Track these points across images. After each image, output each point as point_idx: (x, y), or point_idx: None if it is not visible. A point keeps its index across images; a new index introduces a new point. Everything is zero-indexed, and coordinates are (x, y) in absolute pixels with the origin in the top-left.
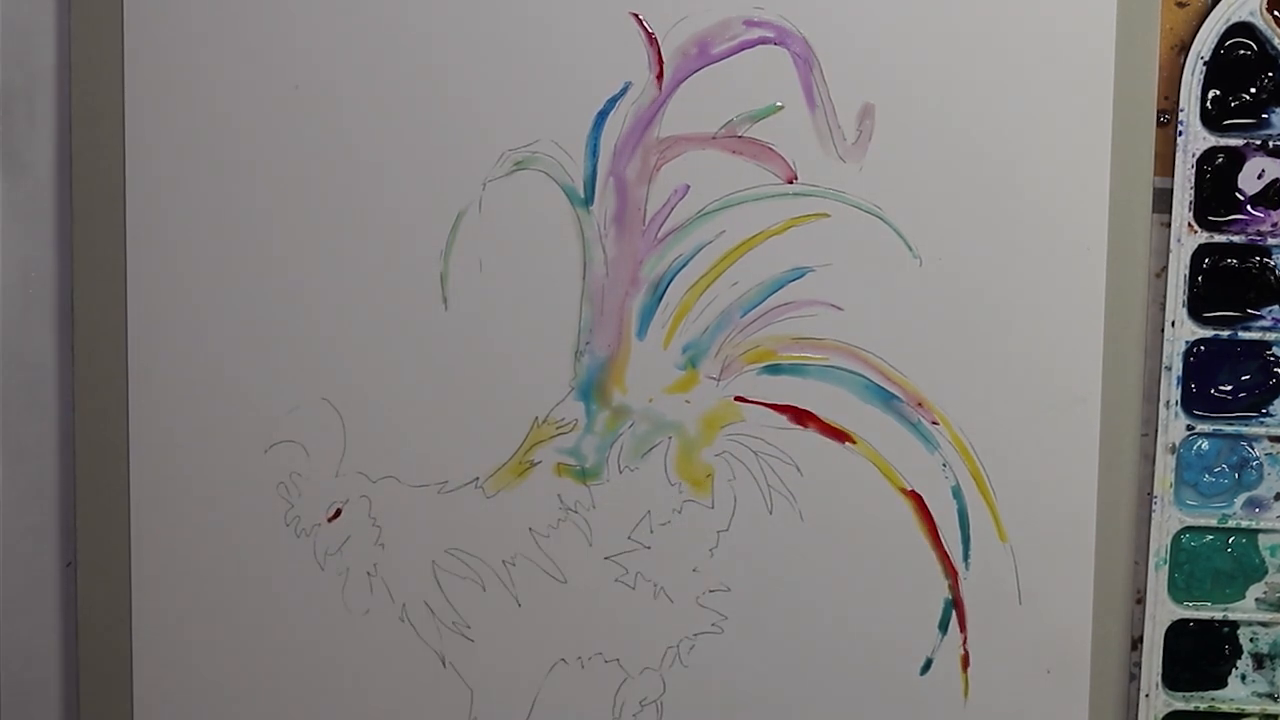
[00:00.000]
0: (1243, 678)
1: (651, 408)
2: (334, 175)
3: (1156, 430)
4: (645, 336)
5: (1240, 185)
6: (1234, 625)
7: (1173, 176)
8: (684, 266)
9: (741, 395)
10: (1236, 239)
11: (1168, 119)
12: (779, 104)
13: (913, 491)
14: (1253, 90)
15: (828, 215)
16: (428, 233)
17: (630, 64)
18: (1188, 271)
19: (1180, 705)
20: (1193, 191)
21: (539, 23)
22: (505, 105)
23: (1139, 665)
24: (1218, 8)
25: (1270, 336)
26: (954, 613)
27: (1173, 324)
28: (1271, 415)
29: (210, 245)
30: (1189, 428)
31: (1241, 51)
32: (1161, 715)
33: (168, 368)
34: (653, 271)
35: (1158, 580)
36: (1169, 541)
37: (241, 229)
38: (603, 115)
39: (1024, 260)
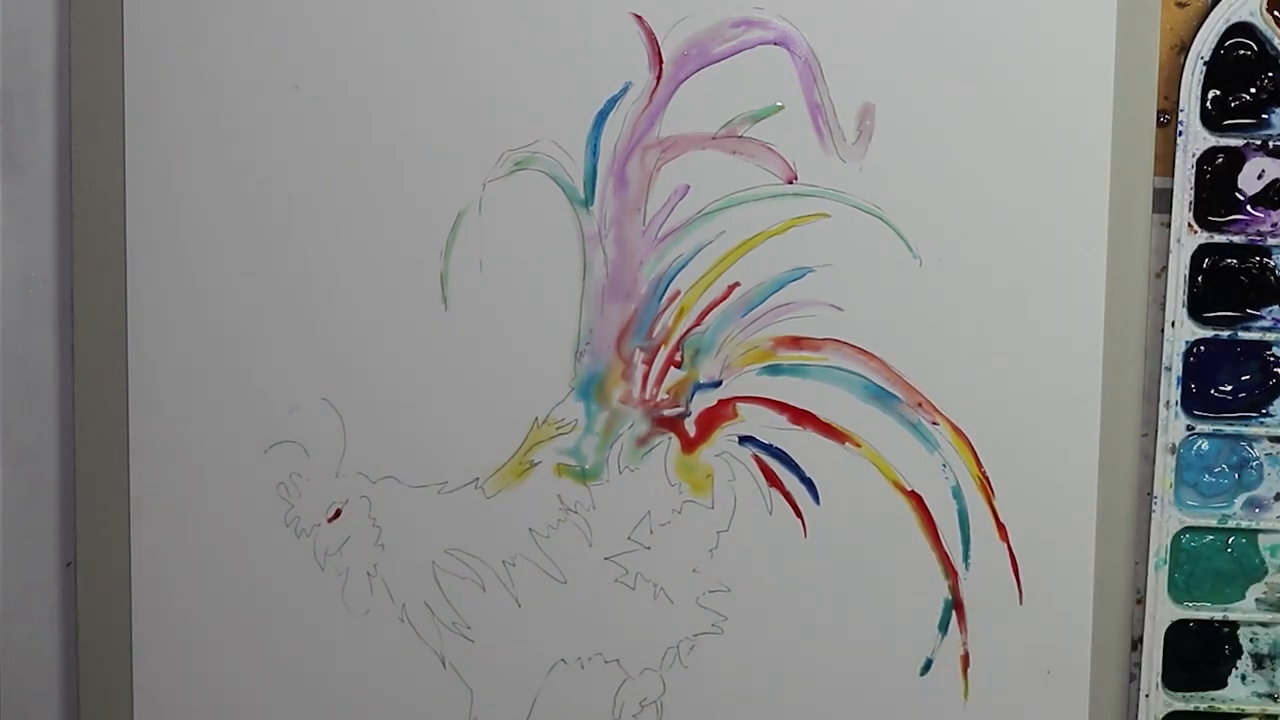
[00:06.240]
0: (1243, 678)
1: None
2: (334, 175)
3: (1156, 430)
4: (645, 337)
5: (1240, 185)
6: (1234, 625)
7: (1173, 176)
8: (684, 266)
9: (741, 395)
10: (1236, 239)
11: (1168, 119)
12: (779, 104)
13: (913, 491)
14: (1253, 90)
15: (828, 215)
16: (428, 233)
17: (630, 64)
18: (1188, 272)
19: (1180, 705)
20: (1193, 192)
21: (539, 23)
22: (505, 105)
23: (1139, 665)
24: (1218, 8)
25: (1270, 336)
26: (954, 613)
27: (1173, 324)
28: (1271, 415)
29: (210, 245)
30: (1189, 428)
31: (1241, 51)
32: (1161, 715)
33: (167, 368)
34: (653, 272)
35: (1158, 580)
36: (1169, 542)
37: (241, 229)
38: (603, 115)
39: (1024, 260)
